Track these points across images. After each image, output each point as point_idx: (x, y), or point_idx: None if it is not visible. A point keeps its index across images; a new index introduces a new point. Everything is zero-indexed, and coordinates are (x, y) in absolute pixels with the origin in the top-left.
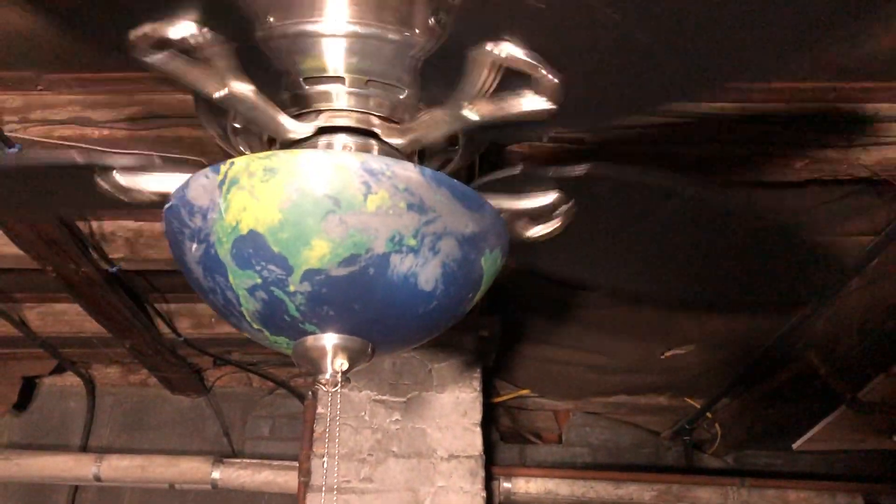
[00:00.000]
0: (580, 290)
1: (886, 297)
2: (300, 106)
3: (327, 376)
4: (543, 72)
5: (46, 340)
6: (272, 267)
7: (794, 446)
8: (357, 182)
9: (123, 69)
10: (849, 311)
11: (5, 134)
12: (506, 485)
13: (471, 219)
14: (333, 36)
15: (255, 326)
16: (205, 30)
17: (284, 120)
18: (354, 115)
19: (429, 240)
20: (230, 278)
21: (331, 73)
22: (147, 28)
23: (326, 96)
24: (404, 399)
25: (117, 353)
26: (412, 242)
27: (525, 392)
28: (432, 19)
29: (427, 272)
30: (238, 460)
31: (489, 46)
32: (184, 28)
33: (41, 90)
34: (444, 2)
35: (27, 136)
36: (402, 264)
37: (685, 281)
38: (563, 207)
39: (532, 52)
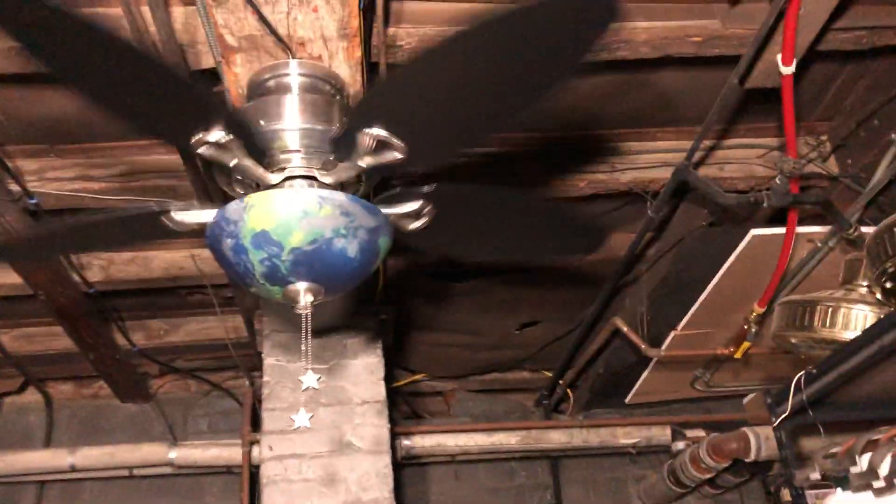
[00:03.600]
0: (450, 281)
1: (660, 274)
2: (275, 165)
3: (302, 305)
4: (396, 141)
5: (18, 360)
6: (272, 248)
7: (626, 401)
8: (315, 202)
9: (111, 139)
10: (641, 287)
11: (28, 189)
12: (406, 442)
13: (373, 219)
14: (292, 130)
15: (261, 282)
16: (229, 134)
17: (266, 175)
18: (305, 169)
19: (352, 230)
20: (249, 255)
21: (290, 148)
22: (201, 135)
23: (288, 160)
24: (328, 366)
25: (74, 369)
26: (344, 232)
27: (419, 377)
28: (345, 118)
29: (352, 247)
30: (189, 442)
31: (368, 129)
32: (218, 135)
33: (52, 157)
34: (348, 110)
35: (44, 190)
36: (339, 243)
37: (501, 248)
38: (426, 209)
39: (388, 132)
